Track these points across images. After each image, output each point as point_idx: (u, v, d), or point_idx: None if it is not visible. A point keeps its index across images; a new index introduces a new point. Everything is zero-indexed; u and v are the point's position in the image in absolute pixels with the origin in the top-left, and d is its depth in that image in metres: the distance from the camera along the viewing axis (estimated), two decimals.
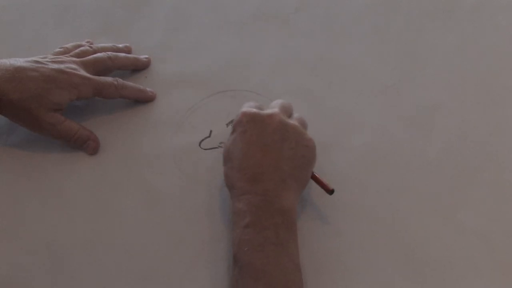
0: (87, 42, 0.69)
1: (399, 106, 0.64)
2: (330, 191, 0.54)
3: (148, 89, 0.66)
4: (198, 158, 0.61)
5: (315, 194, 0.57)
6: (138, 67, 0.69)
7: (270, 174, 0.50)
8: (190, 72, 0.69)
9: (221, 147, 0.62)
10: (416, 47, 0.69)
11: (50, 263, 0.55)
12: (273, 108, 0.55)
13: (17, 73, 0.58)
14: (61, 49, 0.66)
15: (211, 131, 0.63)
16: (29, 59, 0.60)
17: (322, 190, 0.56)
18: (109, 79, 0.63)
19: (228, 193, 0.53)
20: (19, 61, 0.59)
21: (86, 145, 0.62)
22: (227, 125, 0.63)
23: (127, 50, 0.70)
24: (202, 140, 0.63)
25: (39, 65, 0.60)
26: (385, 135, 0.61)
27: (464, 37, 0.69)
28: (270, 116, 0.53)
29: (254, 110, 0.53)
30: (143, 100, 0.66)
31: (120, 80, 0.64)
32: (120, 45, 0.70)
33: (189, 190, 0.59)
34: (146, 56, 0.70)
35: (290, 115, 0.56)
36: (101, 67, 0.64)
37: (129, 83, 0.65)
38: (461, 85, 0.65)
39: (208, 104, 0.66)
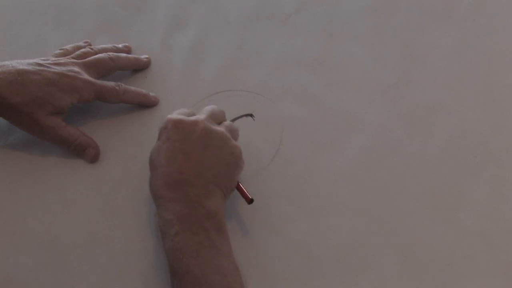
0: (85, 42, 0.69)
1: (399, 106, 0.64)
2: (249, 201, 0.53)
3: (151, 93, 0.66)
4: None
5: (312, 193, 0.57)
6: (139, 67, 0.69)
7: (192, 180, 0.50)
8: (190, 72, 0.69)
9: None
10: (416, 47, 0.69)
11: (50, 263, 0.55)
12: (201, 114, 0.54)
13: (19, 76, 0.58)
14: (61, 51, 0.65)
15: None
16: (31, 61, 0.60)
17: (323, 192, 0.56)
18: (111, 83, 0.63)
19: None
20: (21, 64, 0.59)
21: (86, 152, 0.61)
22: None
23: (127, 50, 0.70)
24: None
25: (41, 68, 0.59)
26: (385, 135, 0.61)
27: (464, 37, 0.69)
28: (195, 122, 0.52)
29: (180, 116, 0.53)
30: (145, 105, 0.66)
31: (123, 85, 0.64)
32: (120, 45, 0.70)
33: None
34: (146, 56, 0.70)
35: (220, 122, 0.55)
36: (102, 68, 0.64)
37: (132, 87, 0.65)
38: (461, 85, 0.65)
39: (208, 104, 0.65)
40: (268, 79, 0.67)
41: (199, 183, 0.50)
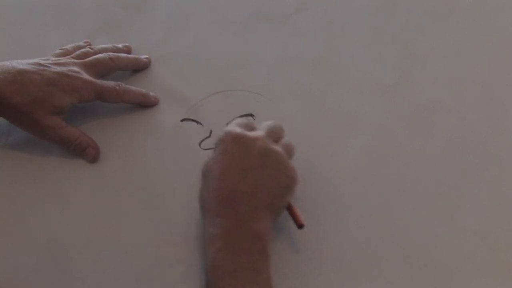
0: (85, 42, 0.69)
1: (399, 106, 0.64)
2: (299, 226, 0.52)
3: (151, 93, 0.66)
4: (199, 158, 0.61)
5: (312, 194, 0.57)
6: (139, 67, 0.69)
7: (244, 199, 0.49)
8: (190, 72, 0.69)
9: None
10: (416, 47, 0.69)
11: (50, 263, 0.55)
12: (261, 130, 0.53)
13: (19, 75, 0.58)
14: (61, 51, 0.66)
15: (211, 131, 0.63)
16: (31, 61, 0.60)
17: (324, 192, 0.56)
18: (111, 83, 0.63)
19: None
20: (21, 64, 0.59)
21: (86, 152, 0.61)
22: (227, 125, 0.63)
23: (127, 50, 0.70)
24: (202, 140, 0.63)
25: (42, 67, 0.59)
26: (385, 135, 0.61)
27: (464, 37, 0.69)
28: (254, 139, 0.51)
29: (239, 130, 0.52)
30: (145, 105, 0.65)
31: (123, 85, 0.64)
32: (120, 45, 0.70)
33: (189, 190, 0.59)
34: (146, 56, 0.70)
35: (278, 139, 0.54)
36: (102, 68, 0.64)
37: (132, 87, 0.65)
38: (461, 85, 0.65)
39: (208, 104, 0.66)
40: (268, 79, 0.67)
41: (251, 203, 0.49)
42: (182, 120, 0.64)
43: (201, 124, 0.63)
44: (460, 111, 0.62)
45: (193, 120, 0.64)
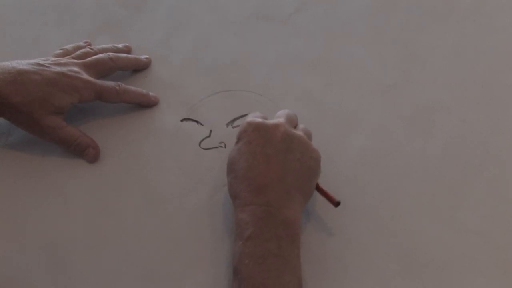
0: (85, 42, 0.69)
1: (399, 106, 0.64)
2: (336, 203, 0.53)
3: (151, 93, 0.66)
4: (198, 158, 0.61)
5: (316, 193, 0.57)
6: (139, 67, 0.69)
7: (274, 185, 0.49)
8: (190, 72, 0.69)
9: (221, 146, 0.62)
10: (416, 47, 0.69)
11: (50, 263, 0.55)
12: (278, 118, 0.54)
13: (19, 76, 0.58)
14: (61, 51, 0.66)
15: (211, 131, 0.63)
16: (32, 61, 0.60)
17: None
18: (111, 83, 0.63)
19: (227, 193, 0.53)
20: (22, 64, 0.59)
21: (86, 152, 0.61)
22: (227, 125, 0.64)
23: (127, 50, 0.70)
24: (202, 140, 0.63)
25: (42, 67, 0.59)
26: (385, 135, 0.61)
27: (464, 37, 0.69)
28: (276, 126, 0.52)
29: (259, 120, 0.53)
30: (145, 105, 0.65)
31: (123, 85, 0.64)
32: (120, 45, 0.70)
33: (189, 190, 0.59)
34: (147, 56, 0.70)
35: (295, 126, 0.55)
36: (102, 68, 0.64)
37: (132, 87, 0.65)
38: (461, 85, 0.65)
39: (208, 104, 0.66)
40: (268, 79, 0.67)
41: (281, 188, 0.49)
42: (182, 120, 0.64)
43: (201, 124, 0.63)
44: (460, 111, 0.62)
45: (193, 120, 0.64)
